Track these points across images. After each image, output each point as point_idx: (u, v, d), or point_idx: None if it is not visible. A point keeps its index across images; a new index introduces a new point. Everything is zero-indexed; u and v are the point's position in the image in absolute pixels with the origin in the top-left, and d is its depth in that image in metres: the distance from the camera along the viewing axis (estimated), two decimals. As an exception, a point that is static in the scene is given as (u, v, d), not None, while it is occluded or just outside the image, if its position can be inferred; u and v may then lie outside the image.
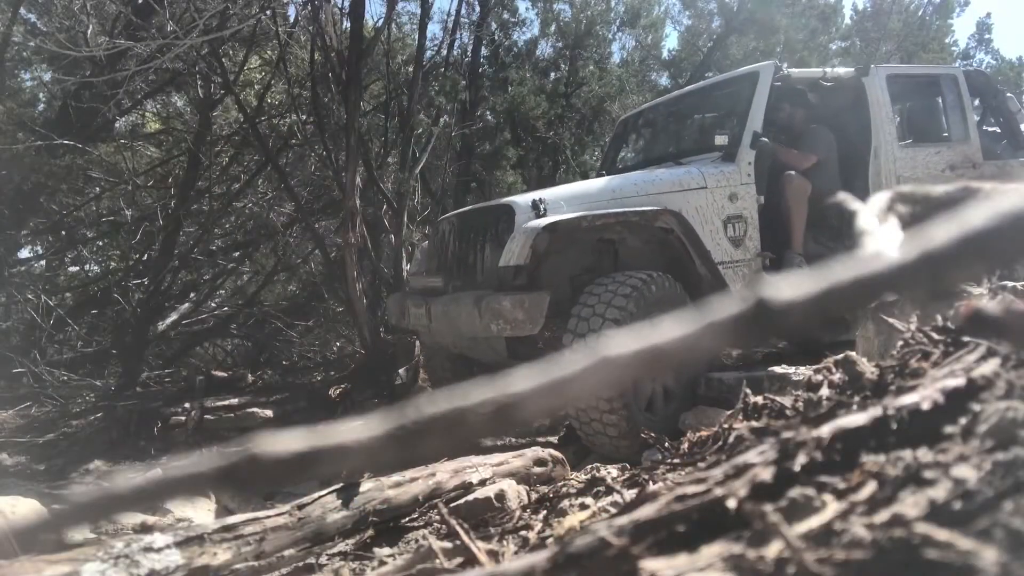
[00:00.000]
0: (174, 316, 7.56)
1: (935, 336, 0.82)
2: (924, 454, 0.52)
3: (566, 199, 3.63)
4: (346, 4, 6.67)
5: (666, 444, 1.47)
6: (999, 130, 4.93)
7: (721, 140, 3.98)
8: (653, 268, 3.74)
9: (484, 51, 9.61)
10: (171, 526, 1.22)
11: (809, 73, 4.50)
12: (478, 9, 9.01)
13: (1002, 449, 0.50)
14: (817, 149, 4.41)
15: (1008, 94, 5.08)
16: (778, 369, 3.61)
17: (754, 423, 0.96)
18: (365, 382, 5.51)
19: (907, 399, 0.58)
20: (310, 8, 6.63)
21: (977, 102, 4.85)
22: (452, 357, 4.66)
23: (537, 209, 3.49)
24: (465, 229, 4.11)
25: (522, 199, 3.70)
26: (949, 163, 4.38)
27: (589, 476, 1.53)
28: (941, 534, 0.43)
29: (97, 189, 7.94)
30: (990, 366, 0.61)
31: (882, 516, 0.47)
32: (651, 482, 1.27)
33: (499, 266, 3.46)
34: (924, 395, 0.58)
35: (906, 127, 4.47)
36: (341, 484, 1.38)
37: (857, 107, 4.46)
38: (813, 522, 0.49)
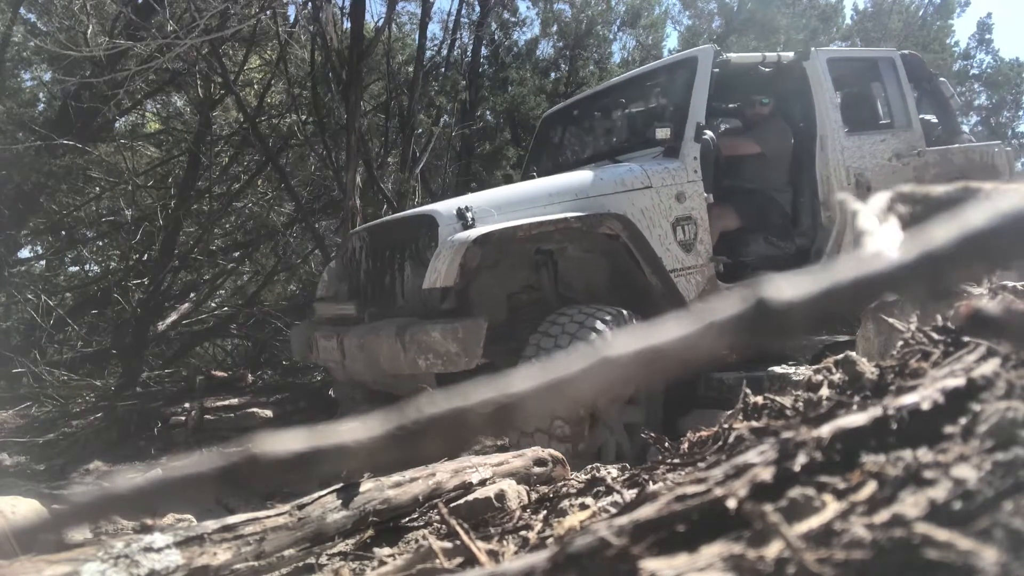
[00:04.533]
0: (174, 316, 7.57)
1: (935, 336, 0.82)
2: (924, 454, 0.52)
3: (496, 206, 3.19)
4: (346, 4, 6.69)
5: (666, 444, 1.47)
6: (935, 119, 4.73)
7: (663, 133, 3.56)
8: (597, 281, 3.43)
9: (484, 51, 9.61)
10: (171, 526, 1.22)
11: (749, 58, 4.17)
12: (478, 9, 9.02)
13: (1002, 449, 0.50)
14: (766, 140, 4.10)
15: (941, 78, 4.89)
16: (778, 369, 3.60)
17: (754, 423, 0.96)
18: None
19: (907, 399, 0.58)
20: (310, 8, 6.63)
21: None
22: (371, 394, 4.00)
23: (464, 218, 3.05)
24: (379, 245, 3.55)
25: (445, 207, 3.24)
26: (894, 151, 4.17)
27: (589, 476, 1.53)
28: (941, 534, 0.43)
29: (97, 189, 7.94)
30: (990, 366, 0.61)
31: (882, 516, 0.47)
32: (651, 482, 1.27)
33: (423, 288, 2.97)
34: (924, 395, 0.58)
35: (846, 114, 4.18)
36: (341, 484, 1.38)
37: (800, 94, 4.16)
38: (813, 522, 0.49)
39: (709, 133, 3.66)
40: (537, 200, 3.26)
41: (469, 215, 3.06)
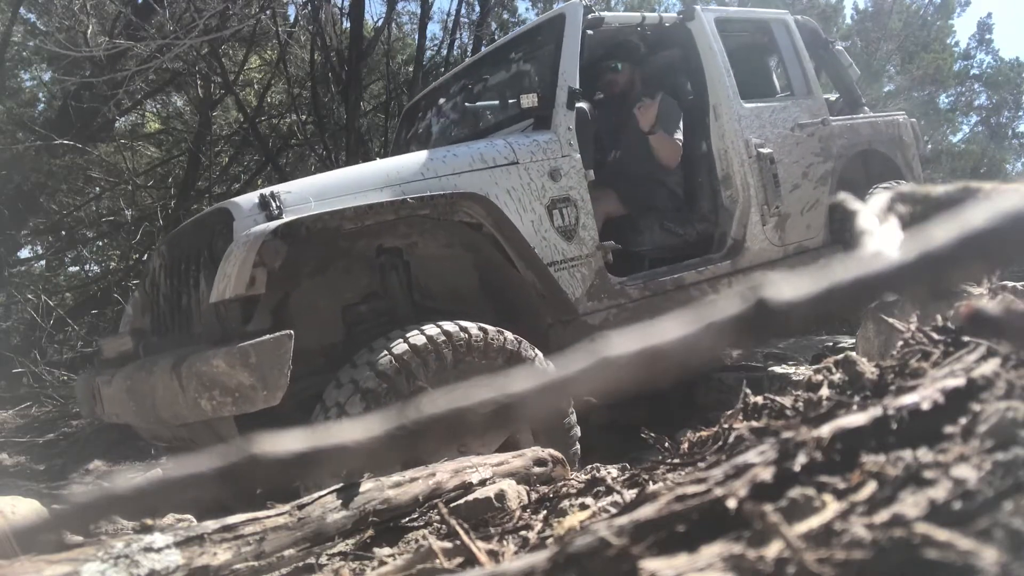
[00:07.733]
0: (174, 316, 7.56)
1: (935, 336, 0.82)
2: (924, 454, 0.52)
3: (317, 191, 2.53)
4: (346, 4, 6.69)
5: (666, 444, 1.47)
6: (833, 97, 4.47)
7: (528, 101, 3.07)
8: (461, 283, 2.87)
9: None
10: (171, 526, 1.22)
11: (626, 18, 3.70)
12: (478, 9, 9.03)
13: (1002, 449, 0.50)
14: (674, 127, 3.60)
15: (839, 47, 4.58)
16: (778, 369, 3.61)
17: (754, 423, 0.96)
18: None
19: (907, 399, 0.59)
20: (310, 8, 6.64)
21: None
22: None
23: (268, 208, 2.41)
24: (176, 258, 2.82)
25: (246, 198, 2.54)
26: (796, 120, 3.80)
27: (589, 476, 1.53)
28: (941, 534, 0.43)
29: (97, 189, 7.96)
30: (990, 366, 0.61)
31: (882, 516, 0.47)
32: (651, 482, 1.27)
33: (212, 303, 2.27)
34: (924, 395, 0.59)
35: (740, 80, 3.72)
36: (341, 484, 1.38)
37: (687, 60, 3.73)
38: (813, 522, 0.50)
39: (585, 103, 3.19)
40: (369, 183, 2.61)
41: (275, 203, 2.41)
